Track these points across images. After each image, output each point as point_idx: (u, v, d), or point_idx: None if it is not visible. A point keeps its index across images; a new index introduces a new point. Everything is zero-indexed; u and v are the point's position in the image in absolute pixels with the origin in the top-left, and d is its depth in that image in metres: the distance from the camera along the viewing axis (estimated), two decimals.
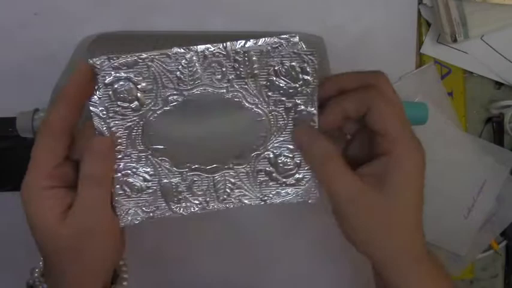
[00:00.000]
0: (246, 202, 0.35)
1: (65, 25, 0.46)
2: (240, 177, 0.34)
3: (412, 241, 0.33)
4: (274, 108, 0.33)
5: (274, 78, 0.32)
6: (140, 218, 0.34)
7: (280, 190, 0.35)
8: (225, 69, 0.32)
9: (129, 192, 0.33)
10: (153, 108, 0.32)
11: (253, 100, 0.33)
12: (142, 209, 0.34)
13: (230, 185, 0.34)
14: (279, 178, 0.35)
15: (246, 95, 0.32)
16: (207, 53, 0.31)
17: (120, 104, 0.32)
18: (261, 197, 0.35)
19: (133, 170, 0.33)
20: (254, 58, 0.32)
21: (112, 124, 0.32)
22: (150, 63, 0.31)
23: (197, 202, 0.34)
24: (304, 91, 0.33)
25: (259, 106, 0.33)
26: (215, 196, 0.34)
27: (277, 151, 0.34)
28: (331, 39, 0.47)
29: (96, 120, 0.32)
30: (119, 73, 0.31)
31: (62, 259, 0.31)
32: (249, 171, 0.34)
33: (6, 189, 0.44)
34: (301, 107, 0.33)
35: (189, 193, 0.34)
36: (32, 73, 0.46)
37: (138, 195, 0.33)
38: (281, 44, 0.31)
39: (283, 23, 0.48)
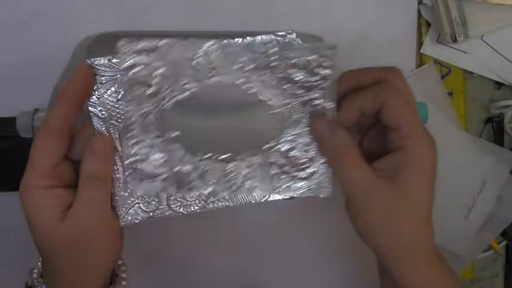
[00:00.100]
0: (255, 195, 0.35)
1: (65, 25, 0.46)
2: (253, 168, 0.34)
3: (423, 236, 0.33)
4: (290, 101, 0.33)
5: (292, 71, 0.32)
6: (140, 217, 0.34)
7: (291, 184, 0.35)
8: (242, 60, 0.32)
9: (139, 179, 0.33)
10: (169, 95, 0.32)
11: (269, 92, 0.33)
12: (142, 208, 0.34)
13: (242, 176, 0.34)
14: (292, 171, 0.35)
15: (262, 87, 0.33)
16: (225, 43, 0.31)
17: (136, 88, 0.32)
18: (272, 190, 0.35)
19: (145, 156, 0.33)
20: (272, 51, 0.32)
21: (126, 110, 0.32)
22: (169, 50, 0.31)
23: (208, 191, 0.34)
24: (322, 85, 0.33)
25: (275, 99, 0.33)
26: (226, 186, 0.34)
27: (291, 144, 0.34)
28: (331, 39, 0.46)
29: (95, 120, 0.32)
30: (138, 57, 0.31)
31: (61, 259, 0.31)
32: (262, 163, 0.34)
33: (6, 189, 0.44)
34: (317, 101, 0.33)
35: (201, 182, 0.34)
36: (32, 73, 0.46)
37: (148, 181, 0.33)
38: (279, 40, 0.32)
39: (283, 23, 0.48)
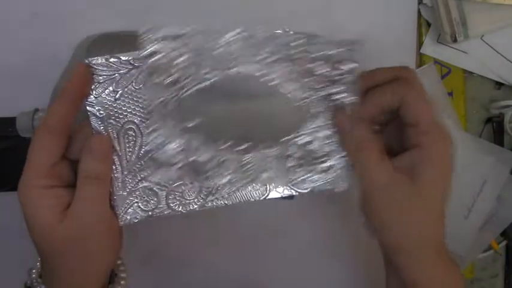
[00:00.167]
0: (271, 188, 0.34)
1: (65, 25, 0.46)
2: (269, 160, 0.34)
3: (436, 233, 0.34)
4: (310, 94, 0.33)
5: (314, 65, 0.32)
6: (139, 216, 0.34)
7: (308, 177, 0.35)
8: (264, 52, 0.32)
9: (155, 167, 0.33)
10: (189, 84, 0.32)
11: (290, 85, 0.33)
12: (141, 207, 0.34)
13: (258, 167, 0.34)
14: (309, 164, 0.34)
15: (283, 80, 0.32)
16: (247, 34, 0.31)
17: (156, 77, 0.31)
18: (288, 182, 0.34)
19: (162, 144, 0.33)
20: (295, 44, 0.32)
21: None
22: (191, 39, 0.31)
23: (224, 181, 0.34)
24: (344, 80, 0.33)
25: (295, 92, 0.33)
26: (242, 177, 0.34)
27: (309, 137, 0.34)
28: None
29: (93, 119, 0.32)
30: (159, 45, 0.31)
31: (59, 259, 0.31)
32: (279, 155, 0.34)
33: (6, 189, 0.44)
34: (338, 96, 0.33)
35: (218, 171, 0.34)
36: (32, 73, 0.46)
37: (165, 169, 0.33)
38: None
39: (283, 23, 0.47)
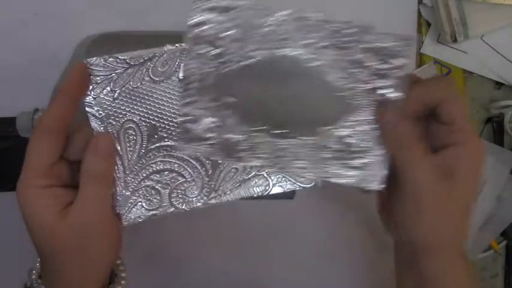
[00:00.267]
0: (303, 176, 0.34)
1: (65, 25, 0.46)
2: (305, 149, 0.33)
3: (462, 233, 0.34)
4: (355, 86, 0.32)
5: (364, 56, 0.31)
6: (143, 216, 0.34)
7: (341, 171, 0.33)
8: (314, 36, 0.31)
9: (186, 140, 0.32)
10: (232, 59, 0.31)
11: (336, 73, 0.32)
12: (145, 206, 0.34)
13: (293, 155, 0.33)
14: (344, 158, 0.33)
15: (330, 67, 0.31)
16: (298, 16, 0.30)
17: (200, 48, 0.31)
18: (320, 174, 0.33)
19: (196, 117, 0.32)
20: (347, 31, 0.31)
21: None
22: (241, 14, 0.30)
23: (255, 164, 0.33)
24: (393, 75, 0.32)
25: (341, 81, 0.32)
26: (274, 162, 0.33)
27: (349, 131, 0.33)
28: None
29: (92, 120, 0.32)
30: (207, 15, 0.30)
31: (60, 258, 0.31)
32: (315, 145, 0.33)
33: (5, 189, 0.44)
34: (383, 90, 0.32)
35: (250, 154, 0.33)
36: (32, 73, 0.46)
37: (196, 144, 0.32)
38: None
39: None
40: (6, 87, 0.46)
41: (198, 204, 0.34)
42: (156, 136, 0.33)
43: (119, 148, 0.33)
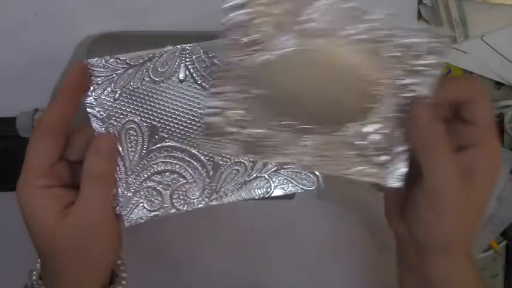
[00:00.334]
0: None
1: (65, 25, 0.46)
2: (330, 145, 0.32)
3: (473, 234, 0.34)
4: (387, 81, 0.31)
5: (399, 51, 0.30)
6: (145, 217, 0.34)
7: (364, 168, 0.32)
8: (350, 28, 0.29)
9: (208, 133, 0.31)
10: (265, 48, 0.29)
11: (369, 68, 0.30)
12: (146, 207, 0.33)
13: (316, 152, 0.32)
14: (368, 155, 0.32)
15: (364, 61, 0.30)
16: (338, 6, 0.29)
17: (232, 33, 0.29)
18: (344, 171, 0.32)
19: (222, 110, 0.30)
20: (384, 25, 0.30)
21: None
22: (277, 1, 0.29)
23: (278, 161, 0.32)
24: (426, 73, 0.31)
25: (374, 75, 0.31)
26: (298, 159, 0.32)
27: (374, 127, 0.32)
28: None
29: (94, 121, 0.32)
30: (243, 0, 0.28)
31: (60, 258, 0.31)
32: (341, 142, 0.32)
33: (5, 189, 0.44)
34: (414, 87, 0.31)
35: (273, 150, 0.31)
36: (32, 73, 0.46)
37: (219, 138, 0.31)
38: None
39: None
40: (6, 87, 0.46)
41: (200, 205, 0.34)
42: (157, 136, 0.33)
43: (120, 149, 0.33)
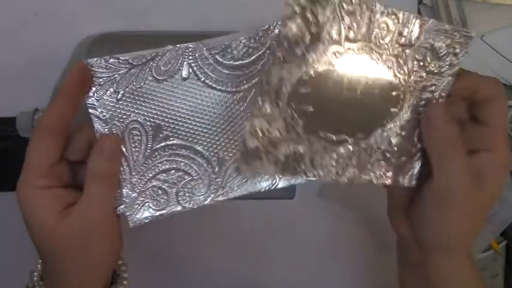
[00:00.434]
0: (347, 179, 0.32)
1: (65, 25, 0.46)
2: (360, 152, 0.32)
3: (476, 234, 0.34)
4: (413, 84, 0.31)
5: (425, 53, 0.30)
6: (150, 217, 0.33)
7: (384, 171, 0.33)
8: (391, 32, 0.29)
9: (248, 158, 0.29)
10: (311, 62, 0.28)
11: (400, 71, 0.30)
12: (152, 207, 0.33)
13: (346, 161, 0.32)
14: (388, 159, 0.33)
15: (397, 65, 0.30)
16: (378, 10, 0.29)
17: (283, 48, 0.28)
18: (367, 178, 0.32)
19: (260, 130, 0.29)
20: (408, 28, 0.30)
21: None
22: (324, 12, 0.28)
23: (314, 177, 0.31)
24: (446, 72, 0.31)
25: (402, 79, 0.31)
26: (334, 172, 0.32)
27: (396, 130, 0.32)
28: None
29: (96, 121, 0.32)
30: (302, 9, 0.28)
31: (60, 258, 0.31)
32: (368, 148, 0.32)
33: (5, 189, 0.44)
34: (433, 88, 0.31)
35: (310, 166, 0.31)
36: (32, 73, 0.46)
37: (260, 161, 0.30)
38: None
39: None
40: (6, 87, 0.46)
41: (206, 202, 0.34)
42: (161, 135, 0.33)
43: (124, 149, 0.32)
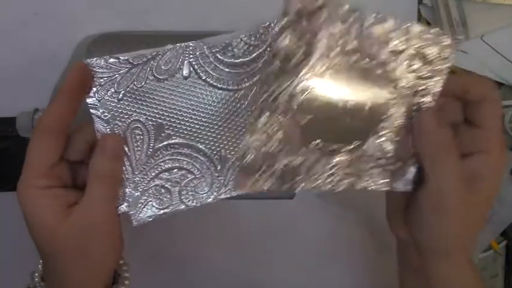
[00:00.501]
0: (344, 187, 0.33)
1: (65, 25, 0.46)
2: (355, 161, 0.32)
3: (474, 237, 0.34)
4: (404, 90, 0.31)
5: (418, 59, 0.30)
6: (153, 216, 0.33)
7: (380, 177, 0.33)
8: (379, 40, 0.29)
9: (246, 172, 0.30)
10: (309, 71, 0.29)
11: (390, 79, 0.31)
12: (155, 206, 0.33)
13: (343, 170, 0.32)
14: (383, 165, 0.33)
15: (387, 72, 0.30)
16: (367, 21, 0.29)
17: (276, 61, 0.28)
18: (361, 183, 0.32)
19: (262, 143, 0.29)
20: (401, 38, 0.30)
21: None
22: (323, 25, 0.28)
23: (310, 188, 0.31)
24: (437, 76, 0.31)
25: (393, 86, 0.31)
26: (327, 181, 0.32)
27: (390, 136, 0.32)
28: None
29: (98, 122, 0.32)
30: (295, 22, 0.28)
31: (61, 258, 0.31)
32: (363, 156, 0.32)
33: (6, 189, 0.44)
34: (426, 91, 0.31)
35: (306, 177, 0.31)
36: (32, 73, 0.46)
37: (257, 175, 0.30)
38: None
39: None
40: (6, 87, 0.46)
41: (209, 200, 0.33)
42: (163, 134, 0.33)
43: (126, 149, 0.32)
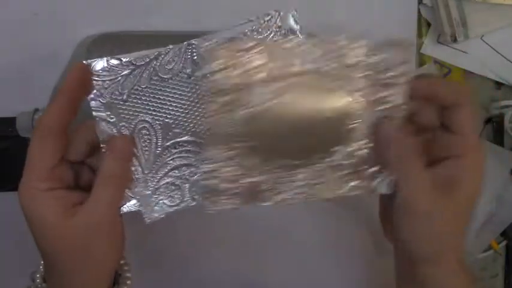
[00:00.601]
0: (319, 197, 0.34)
1: (65, 25, 0.46)
2: (320, 172, 0.33)
3: (462, 242, 0.34)
4: (365, 99, 0.32)
5: (372, 69, 0.31)
6: (166, 213, 0.34)
7: (357, 183, 0.33)
8: (322, 59, 0.30)
9: (214, 196, 0.31)
10: (241, 103, 0.30)
11: (352, 89, 0.31)
12: (167, 203, 0.33)
13: (312, 181, 0.33)
14: (358, 172, 0.33)
15: (347, 85, 0.31)
16: (306, 41, 0.30)
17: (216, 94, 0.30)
18: (336, 191, 0.33)
19: (218, 170, 0.31)
20: (354, 52, 0.31)
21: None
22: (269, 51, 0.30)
23: (279, 200, 0.32)
24: (399, 81, 0.31)
25: (356, 96, 0.31)
26: (296, 193, 0.33)
27: (361, 143, 0.33)
28: None
29: (103, 125, 0.32)
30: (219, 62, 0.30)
31: (62, 259, 0.31)
32: (329, 166, 0.33)
33: (6, 189, 0.44)
34: (390, 98, 0.32)
35: (273, 192, 0.32)
36: (32, 73, 0.46)
37: (224, 198, 0.32)
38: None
39: None
40: (6, 87, 0.46)
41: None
42: (170, 133, 0.33)
43: (134, 150, 0.32)
